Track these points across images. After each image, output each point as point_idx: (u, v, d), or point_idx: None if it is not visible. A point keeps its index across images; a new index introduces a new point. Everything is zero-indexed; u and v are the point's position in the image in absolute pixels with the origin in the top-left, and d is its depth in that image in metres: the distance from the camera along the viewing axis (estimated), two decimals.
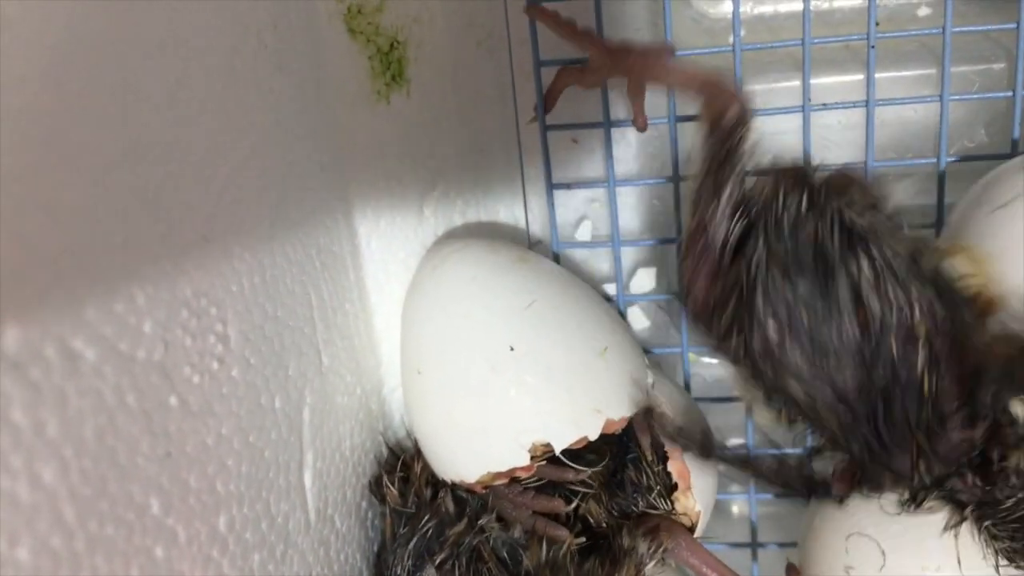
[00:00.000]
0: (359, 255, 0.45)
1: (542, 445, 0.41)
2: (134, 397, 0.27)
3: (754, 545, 0.54)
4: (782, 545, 0.53)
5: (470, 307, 0.43)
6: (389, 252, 0.47)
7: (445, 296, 0.44)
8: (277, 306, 0.36)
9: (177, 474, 0.29)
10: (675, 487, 0.45)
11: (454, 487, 0.43)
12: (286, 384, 0.37)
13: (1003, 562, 0.39)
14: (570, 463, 0.42)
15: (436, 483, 0.44)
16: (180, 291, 0.30)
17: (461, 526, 0.42)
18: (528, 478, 0.42)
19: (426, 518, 0.42)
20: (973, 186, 0.42)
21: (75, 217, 0.25)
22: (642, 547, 0.42)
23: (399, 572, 0.41)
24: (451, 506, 0.42)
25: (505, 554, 0.41)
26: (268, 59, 0.37)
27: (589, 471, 0.43)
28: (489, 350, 0.42)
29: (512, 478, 0.42)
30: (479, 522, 0.42)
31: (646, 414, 0.43)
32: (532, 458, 0.41)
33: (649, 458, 0.44)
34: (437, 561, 0.41)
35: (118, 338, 0.26)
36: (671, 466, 0.44)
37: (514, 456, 0.41)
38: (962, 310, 0.37)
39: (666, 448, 0.44)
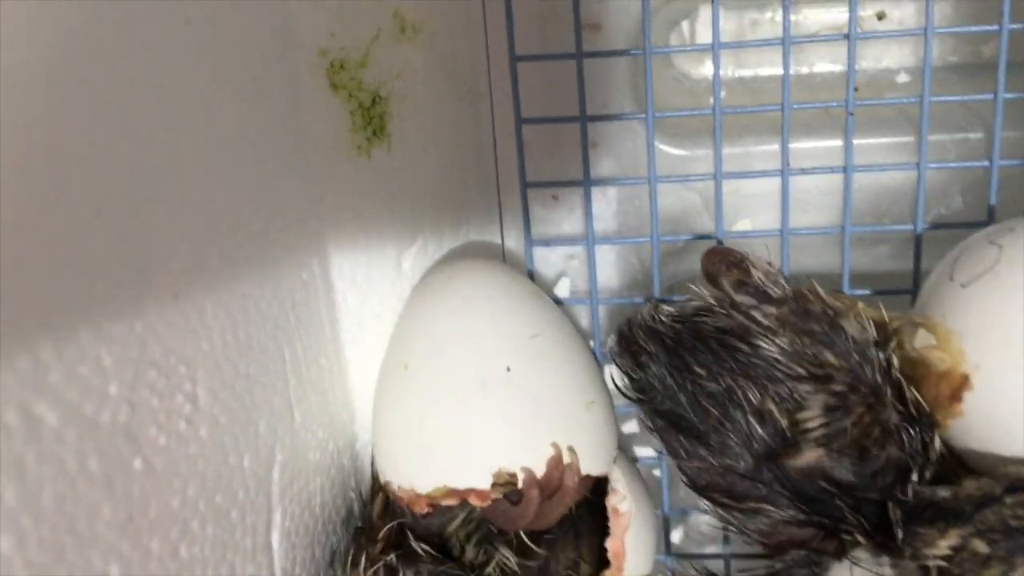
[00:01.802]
0: (335, 309, 0.45)
1: (508, 475, 0.40)
2: (96, 461, 0.26)
3: None
4: None
5: (477, 320, 0.43)
6: (366, 306, 0.47)
7: (454, 304, 0.44)
8: (249, 363, 0.36)
9: (139, 539, 0.28)
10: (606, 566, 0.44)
11: (410, 556, 0.42)
12: (256, 442, 0.36)
13: None
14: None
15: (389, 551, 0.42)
16: (149, 351, 0.29)
17: None
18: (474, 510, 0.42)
19: None
20: (941, 260, 0.42)
21: (42, 277, 0.25)
22: None
23: None
24: None
25: None
26: (247, 112, 0.37)
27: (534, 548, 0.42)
28: (484, 367, 0.41)
29: (462, 501, 0.41)
30: None
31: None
32: (493, 485, 0.40)
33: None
34: None
35: (82, 401, 0.26)
36: (608, 543, 0.44)
37: (476, 477, 0.40)
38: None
39: (609, 523, 0.44)
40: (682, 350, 0.41)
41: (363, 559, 0.40)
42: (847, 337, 0.39)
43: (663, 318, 0.42)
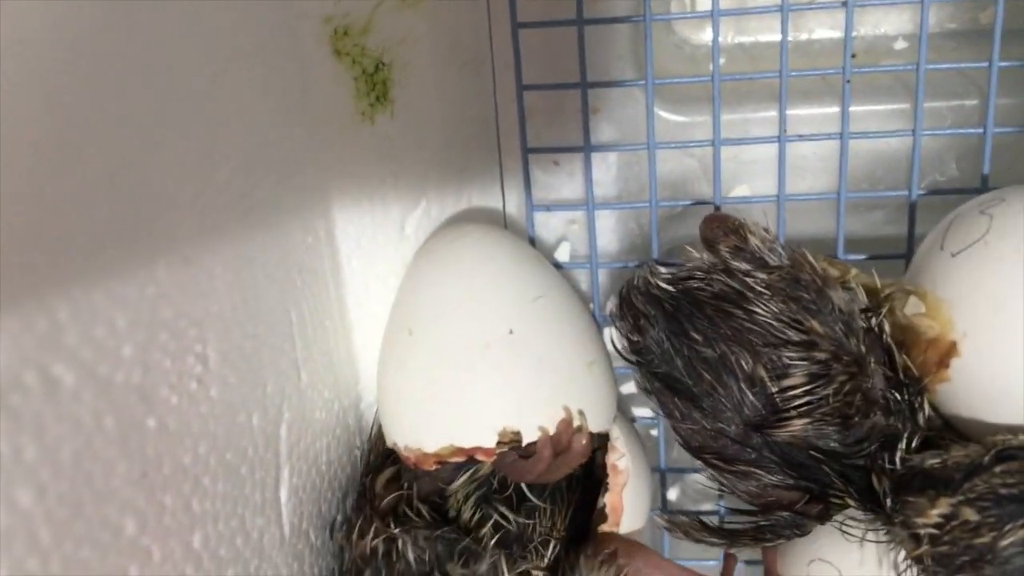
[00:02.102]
0: (340, 273, 0.46)
1: (512, 432, 0.41)
2: (112, 420, 0.27)
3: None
4: (748, 563, 0.54)
5: (480, 283, 0.44)
6: (370, 270, 0.48)
7: (458, 268, 0.44)
8: (257, 325, 0.37)
9: (153, 494, 0.29)
10: (603, 519, 0.45)
11: (406, 521, 0.43)
12: (264, 401, 0.37)
13: None
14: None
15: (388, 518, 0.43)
16: (160, 313, 0.30)
17: None
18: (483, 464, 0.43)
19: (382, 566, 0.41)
20: (933, 229, 0.43)
21: (56, 243, 0.25)
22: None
23: None
24: (410, 555, 0.41)
25: None
26: (253, 80, 0.37)
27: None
28: (488, 328, 0.42)
29: (469, 458, 0.42)
30: (444, 570, 0.41)
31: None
32: (497, 443, 0.41)
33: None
34: None
35: (97, 362, 0.27)
36: (607, 498, 0.45)
37: (481, 436, 0.41)
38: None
39: (608, 479, 0.45)
40: (680, 315, 0.42)
41: (371, 529, 0.42)
42: (833, 306, 0.40)
43: (660, 282, 0.43)
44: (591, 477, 0.47)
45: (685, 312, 0.41)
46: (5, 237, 0.23)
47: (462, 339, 0.42)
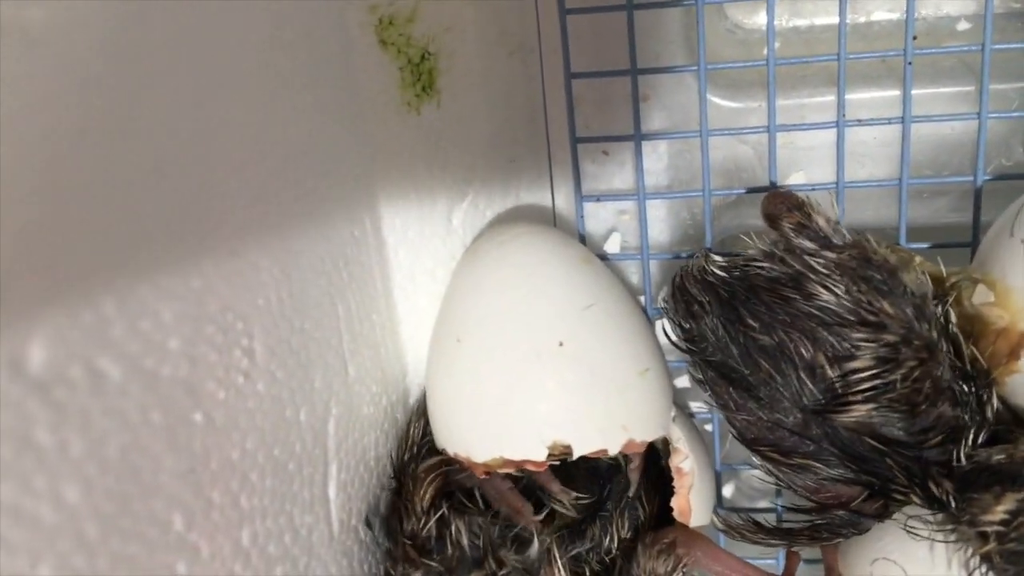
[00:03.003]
0: (387, 265, 0.45)
1: (562, 446, 0.40)
2: (159, 414, 0.27)
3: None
4: (809, 562, 0.53)
5: (530, 291, 0.43)
6: (417, 262, 0.47)
7: (507, 274, 0.44)
8: (304, 318, 0.37)
9: (200, 490, 0.29)
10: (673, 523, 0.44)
11: (461, 509, 0.43)
12: (311, 396, 0.37)
13: None
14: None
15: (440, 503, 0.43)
16: (207, 307, 0.30)
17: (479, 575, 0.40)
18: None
19: (437, 561, 0.40)
20: (1002, 215, 0.41)
21: (102, 235, 0.25)
22: (660, 567, 0.41)
23: None
24: (464, 540, 0.41)
25: None
26: (299, 71, 0.37)
27: (575, 496, 0.43)
28: (538, 339, 0.41)
29: (520, 470, 0.41)
30: (497, 555, 0.40)
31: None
32: (548, 456, 0.40)
33: (632, 493, 0.44)
34: None
35: (144, 356, 0.26)
36: (674, 502, 0.44)
37: (531, 448, 0.40)
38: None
39: (674, 483, 0.44)
40: (735, 301, 0.40)
41: (420, 513, 0.41)
42: (905, 288, 0.39)
43: (715, 269, 0.42)
44: (662, 477, 0.46)
45: (741, 298, 0.40)
46: (51, 230, 0.23)
47: (511, 349, 0.42)
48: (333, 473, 0.39)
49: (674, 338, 0.43)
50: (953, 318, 0.40)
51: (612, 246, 0.52)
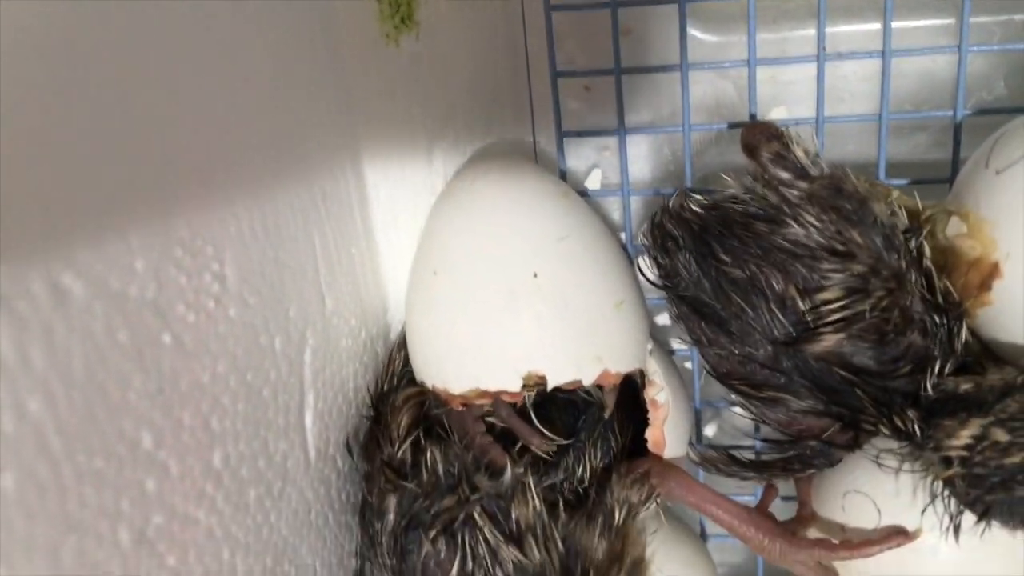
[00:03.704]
0: (367, 202, 0.45)
1: (537, 376, 0.41)
2: (126, 334, 0.27)
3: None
4: (785, 499, 0.54)
5: (505, 225, 0.43)
6: (397, 199, 0.47)
7: (483, 207, 0.43)
8: (278, 249, 0.37)
9: (170, 410, 0.29)
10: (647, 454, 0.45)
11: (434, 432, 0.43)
12: (286, 325, 0.37)
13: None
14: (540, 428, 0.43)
15: (418, 426, 0.43)
16: (175, 231, 0.30)
17: (452, 500, 0.40)
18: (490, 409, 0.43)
19: (411, 484, 0.41)
20: (979, 147, 0.41)
21: (67, 155, 0.25)
22: (634, 496, 0.41)
23: (387, 541, 0.41)
24: (440, 467, 0.41)
25: (495, 508, 0.40)
26: (274, 1, 0.37)
27: (553, 441, 0.43)
28: (513, 271, 0.41)
29: (496, 400, 0.42)
30: (471, 482, 0.41)
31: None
32: (523, 387, 0.41)
33: (607, 416, 0.44)
34: (431, 535, 0.40)
35: (108, 275, 0.26)
36: (648, 434, 0.45)
37: (506, 380, 0.41)
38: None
39: (648, 414, 0.45)
40: (708, 236, 0.41)
41: (397, 439, 0.42)
42: (876, 219, 0.39)
43: (692, 205, 0.42)
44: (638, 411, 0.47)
45: (714, 233, 0.40)
46: (13, 146, 0.23)
47: (486, 282, 0.42)
48: (310, 402, 0.39)
49: (649, 275, 0.44)
50: (927, 251, 0.40)
51: (593, 182, 0.52)
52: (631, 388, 0.47)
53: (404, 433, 0.42)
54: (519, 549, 0.38)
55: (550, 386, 0.41)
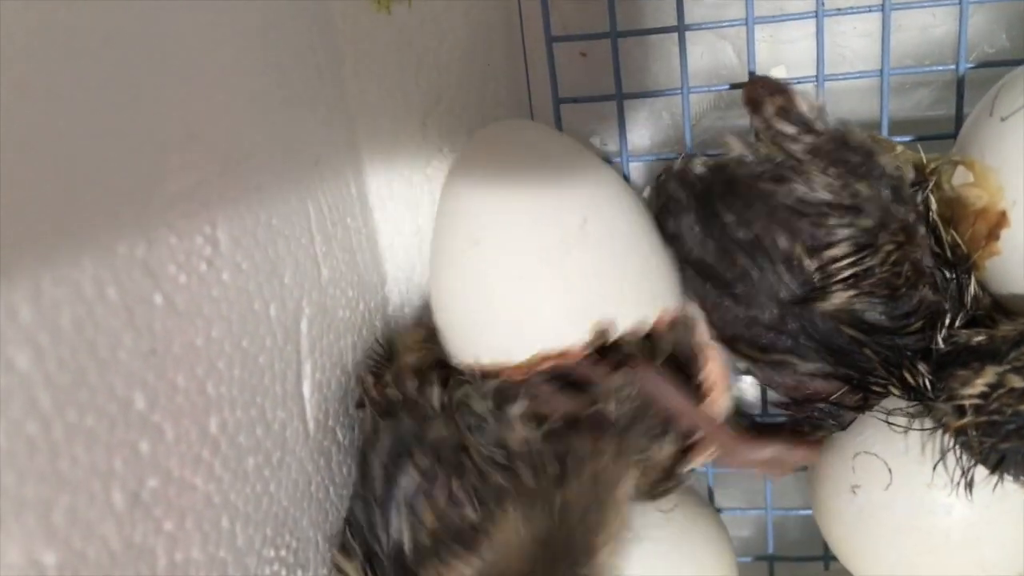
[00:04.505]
0: (361, 170, 0.45)
1: (602, 326, 0.39)
2: (115, 290, 0.26)
3: None
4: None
5: (542, 179, 0.41)
6: (392, 168, 0.46)
7: (514, 167, 0.42)
8: (271, 214, 0.36)
9: (163, 372, 0.28)
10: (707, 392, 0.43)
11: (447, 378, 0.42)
12: (281, 292, 0.36)
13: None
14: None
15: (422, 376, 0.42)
16: (163, 189, 0.29)
17: (441, 426, 0.39)
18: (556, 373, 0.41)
19: (405, 415, 0.40)
20: (985, 95, 0.40)
21: (45, 107, 0.24)
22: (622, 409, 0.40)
23: (378, 471, 0.40)
24: (435, 400, 0.40)
25: (486, 438, 0.39)
26: None
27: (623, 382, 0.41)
28: (560, 224, 0.40)
29: (559, 358, 0.40)
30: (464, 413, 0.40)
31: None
32: (589, 341, 0.39)
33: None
34: (421, 463, 0.39)
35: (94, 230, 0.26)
36: (709, 368, 0.43)
37: (569, 337, 0.39)
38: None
39: (701, 356, 0.43)
40: (712, 197, 0.40)
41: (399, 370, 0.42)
42: (882, 171, 0.38)
43: (696, 167, 0.41)
44: None
45: (717, 193, 0.40)
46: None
47: (535, 240, 0.40)
48: (307, 372, 0.38)
49: None
50: (934, 205, 0.39)
51: None
52: None
53: (410, 372, 0.41)
54: (510, 477, 0.37)
55: (618, 333, 0.39)
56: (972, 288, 0.39)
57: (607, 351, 0.41)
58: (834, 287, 0.38)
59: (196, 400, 0.30)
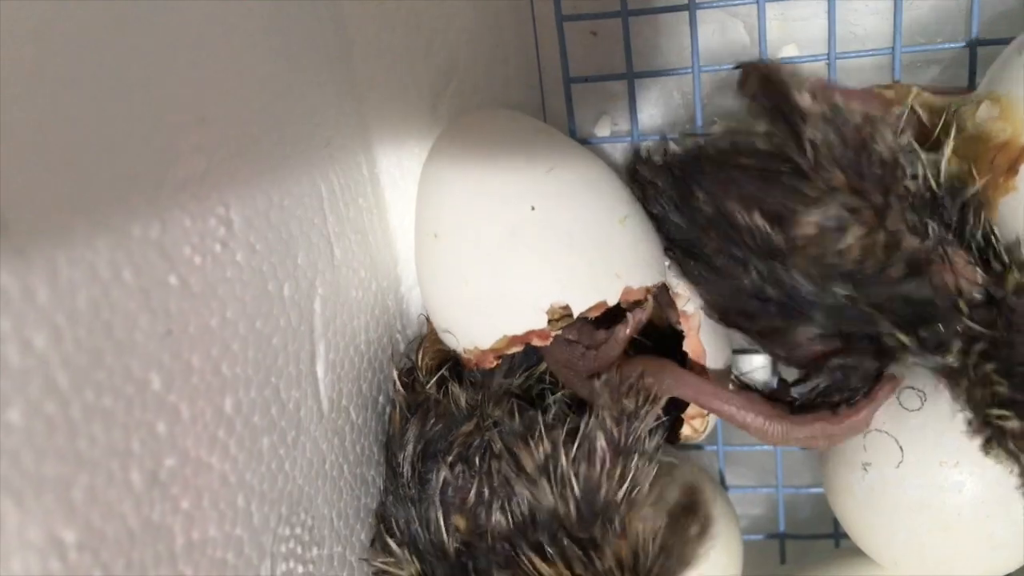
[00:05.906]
0: (371, 151, 0.45)
1: (560, 308, 0.40)
2: (130, 272, 0.26)
3: None
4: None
5: (491, 170, 0.42)
6: (403, 149, 0.46)
7: (466, 160, 0.43)
8: (284, 195, 0.36)
9: (179, 353, 0.29)
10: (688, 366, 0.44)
11: (460, 377, 0.43)
12: (295, 273, 0.37)
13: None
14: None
15: (442, 372, 0.43)
16: (176, 172, 0.29)
17: (470, 426, 0.40)
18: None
19: (432, 415, 0.41)
20: (1014, 40, 0.40)
21: (61, 92, 0.25)
22: (628, 405, 0.40)
23: (407, 470, 0.40)
24: (461, 400, 0.41)
25: (511, 443, 0.39)
26: None
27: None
28: (509, 212, 0.41)
29: (526, 344, 0.41)
30: (488, 416, 0.41)
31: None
32: (549, 322, 0.40)
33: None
34: (449, 461, 0.40)
35: (109, 212, 0.26)
36: (686, 344, 0.44)
37: (531, 319, 0.40)
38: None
39: (680, 322, 0.44)
40: (686, 178, 0.40)
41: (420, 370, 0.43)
42: (869, 155, 0.37)
43: (668, 148, 0.42)
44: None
45: (691, 173, 0.40)
46: (7, 74, 0.22)
47: (486, 229, 0.41)
48: (321, 352, 0.39)
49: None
50: (942, 168, 0.38)
51: (602, 129, 0.51)
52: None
53: (428, 371, 0.42)
54: (533, 488, 0.38)
55: (576, 313, 0.40)
56: (980, 219, 0.38)
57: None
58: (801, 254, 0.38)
59: (211, 380, 0.30)
